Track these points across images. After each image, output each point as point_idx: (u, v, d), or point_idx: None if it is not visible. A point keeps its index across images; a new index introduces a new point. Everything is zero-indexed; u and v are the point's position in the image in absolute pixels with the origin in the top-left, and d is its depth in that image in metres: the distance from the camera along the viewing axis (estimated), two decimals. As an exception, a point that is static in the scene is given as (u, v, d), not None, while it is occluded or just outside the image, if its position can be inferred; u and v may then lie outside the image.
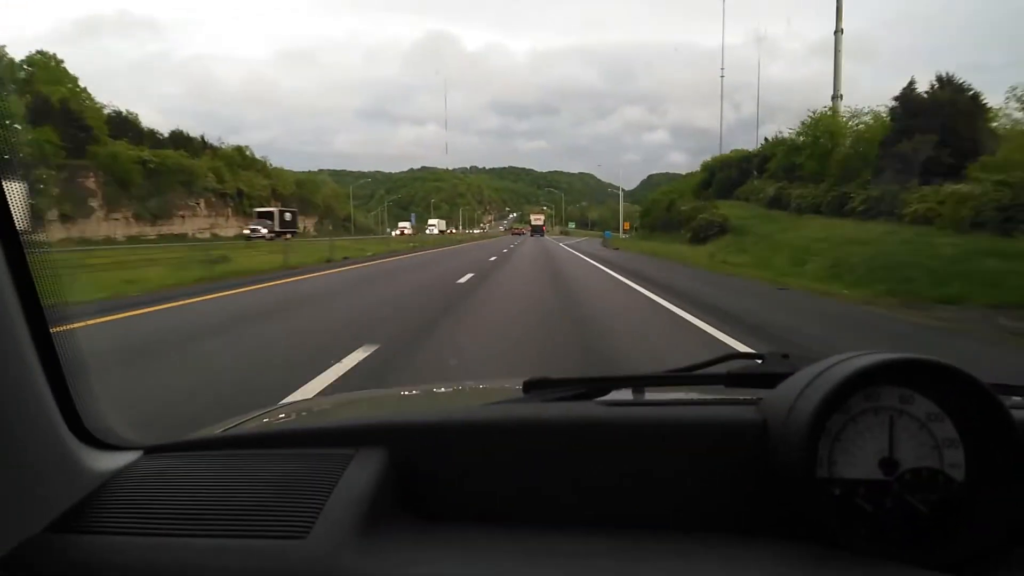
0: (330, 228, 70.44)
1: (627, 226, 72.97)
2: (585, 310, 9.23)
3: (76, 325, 0.84)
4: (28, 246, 0.75)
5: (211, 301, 10.06)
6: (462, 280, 13.87)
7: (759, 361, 1.04)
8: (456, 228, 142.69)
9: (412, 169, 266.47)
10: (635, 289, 12.30)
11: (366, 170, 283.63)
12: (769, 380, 0.96)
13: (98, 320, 7.49)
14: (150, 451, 0.93)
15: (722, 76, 54.85)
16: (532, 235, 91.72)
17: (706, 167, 51.45)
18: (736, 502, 0.87)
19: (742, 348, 6.03)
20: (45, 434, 0.77)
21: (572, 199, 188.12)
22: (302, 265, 18.84)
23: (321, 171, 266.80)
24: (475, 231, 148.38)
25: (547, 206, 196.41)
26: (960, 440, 0.86)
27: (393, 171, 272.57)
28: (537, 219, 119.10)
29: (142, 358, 5.54)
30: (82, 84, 48.78)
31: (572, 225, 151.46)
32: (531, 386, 1.04)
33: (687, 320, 8.04)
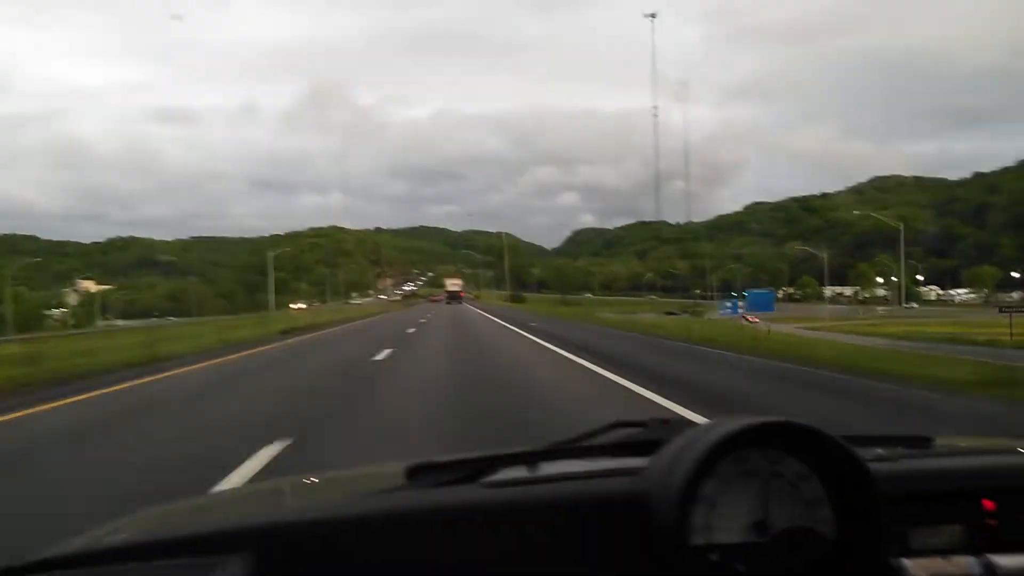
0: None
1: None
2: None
3: None
4: None
5: None
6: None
7: (642, 429, 1.06)
8: (318, 301, 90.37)
9: (298, 231, 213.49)
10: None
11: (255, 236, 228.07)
12: (650, 448, 0.96)
13: None
14: None
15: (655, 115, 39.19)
16: (448, 303, 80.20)
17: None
18: (624, 575, 0.86)
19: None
20: None
21: (491, 260, 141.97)
22: None
23: (195, 238, 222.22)
24: (348, 302, 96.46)
25: (475, 268, 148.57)
26: (827, 497, 0.88)
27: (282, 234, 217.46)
28: (454, 283, 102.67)
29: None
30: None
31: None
32: (414, 471, 0.98)
33: None
